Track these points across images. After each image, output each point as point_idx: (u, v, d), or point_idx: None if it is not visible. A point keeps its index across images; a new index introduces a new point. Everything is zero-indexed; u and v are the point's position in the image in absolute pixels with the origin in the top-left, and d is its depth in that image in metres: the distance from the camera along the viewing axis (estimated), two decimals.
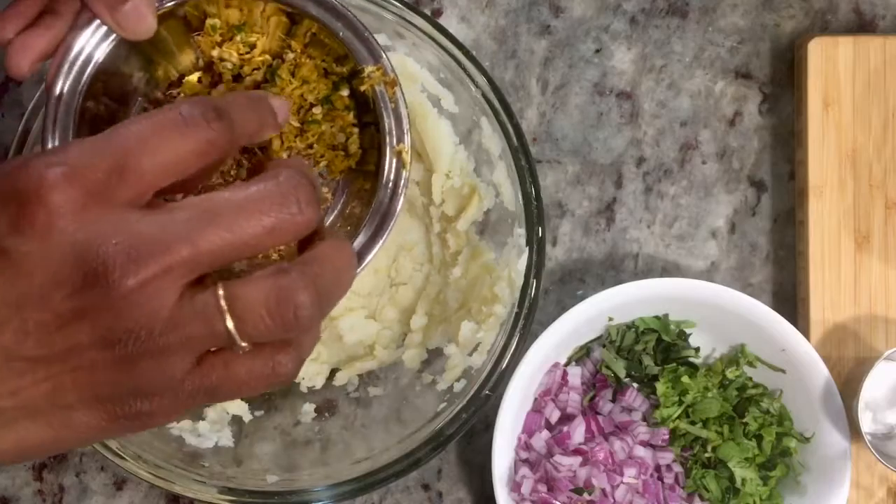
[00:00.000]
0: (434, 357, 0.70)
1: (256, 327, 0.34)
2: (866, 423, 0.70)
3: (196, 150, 0.35)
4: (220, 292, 0.34)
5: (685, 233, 0.76)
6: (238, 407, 0.69)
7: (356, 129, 0.54)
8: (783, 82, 0.77)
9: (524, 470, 0.69)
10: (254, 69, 0.52)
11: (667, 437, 0.70)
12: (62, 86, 0.47)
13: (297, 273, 0.35)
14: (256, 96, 0.41)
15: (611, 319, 0.71)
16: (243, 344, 0.34)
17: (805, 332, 0.72)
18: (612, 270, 0.76)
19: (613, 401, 0.71)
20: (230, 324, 0.34)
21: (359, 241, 0.50)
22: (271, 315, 0.34)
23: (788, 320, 0.69)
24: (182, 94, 0.52)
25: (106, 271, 0.32)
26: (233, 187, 0.35)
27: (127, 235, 0.33)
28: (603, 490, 0.68)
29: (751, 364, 0.71)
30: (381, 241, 0.50)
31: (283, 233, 0.35)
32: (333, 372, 0.72)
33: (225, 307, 0.34)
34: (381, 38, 0.67)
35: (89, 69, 0.47)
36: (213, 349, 0.35)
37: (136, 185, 0.34)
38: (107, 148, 0.34)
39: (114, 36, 0.47)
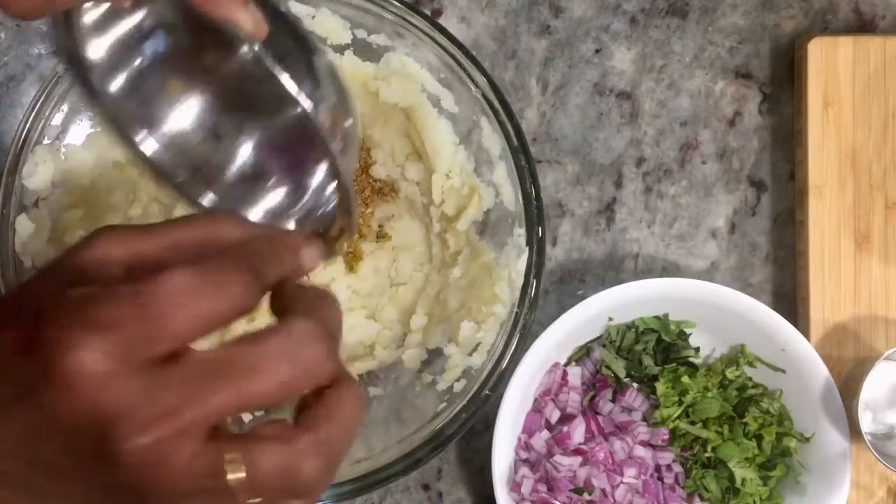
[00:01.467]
0: (434, 357, 0.70)
1: (262, 490, 0.35)
2: (866, 423, 0.70)
3: (230, 310, 0.35)
4: (230, 455, 0.35)
5: (685, 233, 0.76)
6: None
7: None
8: (783, 82, 0.77)
9: (524, 470, 0.69)
10: None
11: (667, 437, 0.70)
12: None
13: (306, 441, 0.36)
14: (287, 244, 0.40)
15: (610, 319, 0.71)
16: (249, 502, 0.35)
17: (805, 332, 0.72)
18: (612, 270, 0.76)
19: (613, 401, 0.71)
20: (235, 482, 0.35)
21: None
22: (279, 482, 0.35)
23: (788, 320, 0.69)
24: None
25: (113, 440, 0.33)
26: (247, 341, 0.35)
27: (140, 402, 0.33)
28: (603, 490, 0.68)
29: (751, 364, 0.71)
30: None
31: (295, 389, 0.36)
32: None
33: (233, 468, 0.35)
34: (381, 39, 0.67)
35: None
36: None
37: (162, 347, 0.34)
38: (142, 308, 0.34)
39: None
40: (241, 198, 0.48)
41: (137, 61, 0.45)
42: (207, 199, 0.47)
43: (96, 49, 0.44)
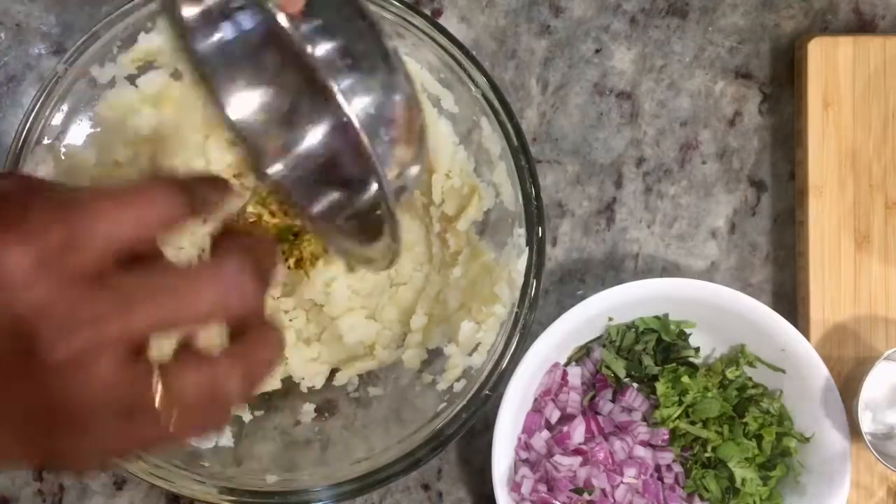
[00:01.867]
0: (434, 357, 0.70)
1: (183, 408, 0.36)
2: (866, 423, 0.70)
3: (155, 219, 0.36)
4: (156, 372, 0.35)
5: (685, 233, 0.76)
6: (238, 406, 0.69)
7: None
8: (783, 82, 0.77)
9: (524, 470, 0.69)
10: None
11: (667, 437, 0.70)
12: None
13: (226, 365, 0.37)
14: (215, 179, 0.41)
15: (610, 319, 0.71)
16: (168, 422, 0.36)
17: (805, 332, 0.72)
18: (612, 270, 0.76)
19: (613, 401, 0.71)
20: (158, 402, 0.35)
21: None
22: (199, 399, 0.36)
23: (788, 320, 0.69)
24: None
25: (37, 345, 0.33)
26: (177, 269, 0.36)
27: (64, 309, 0.33)
28: (603, 490, 0.68)
29: (750, 364, 0.71)
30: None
31: (217, 317, 0.36)
32: (333, 372, 0.72)
33: (158, 387, 0.35)
34: None
35: None
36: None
37: (88, 256, 0.34)
38: (66, 213, 0.34)
39: None
40: (302, 179, 0.49)
41: (233, 30, 0.46)
42: (274, 170, 0.48)
43: (194, 12, 0.45)
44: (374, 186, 0.44)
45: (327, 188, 0.49)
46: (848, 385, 0.71)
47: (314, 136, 0.48)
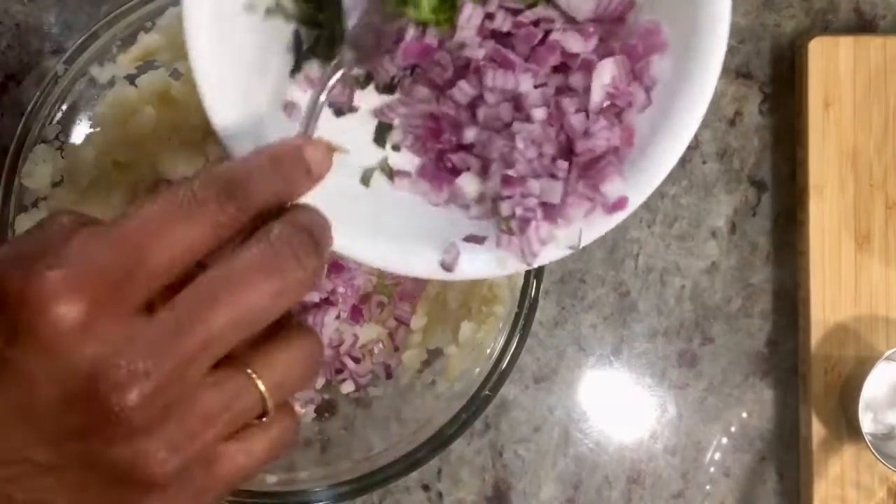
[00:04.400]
0: (434, 357, 0.70)
1: (286, 387, 0.35)
2: (867, 424, 0.70)
3: (207, 235, 0.33)
4: (248, 371, 0.34)
5: (685, 232, 0.76)
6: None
7: None
8: (783, 82, 0.77)
9: None
10: None
11: None
12: None
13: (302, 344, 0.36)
14: (284, 154, 0.36)
15: None
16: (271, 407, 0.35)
17: (806, 332, 0.72)
18: (613, 270, 0.76)
19: None
20: (263, 390, 0.34)
21: None
22: (305, 373, 0.35)
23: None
24: None
25: (111, 394, 0.31)
26: (225, 259, 0.33)
27: (133, 349, 0.31)
28: None
29: None
30: None
31: (290, 295, 0.34)
32: None
33: (260, 386, 0.34)
34: None
35: None
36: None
37: (145, 287, 0.32)
38: (114, 248, 0.32)
39: None
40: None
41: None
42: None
43: None
44: None
45: None
46: (848, 385, 0.71)
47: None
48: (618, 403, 0.76)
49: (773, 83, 0.77)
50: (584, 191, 0.52)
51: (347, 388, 0.70)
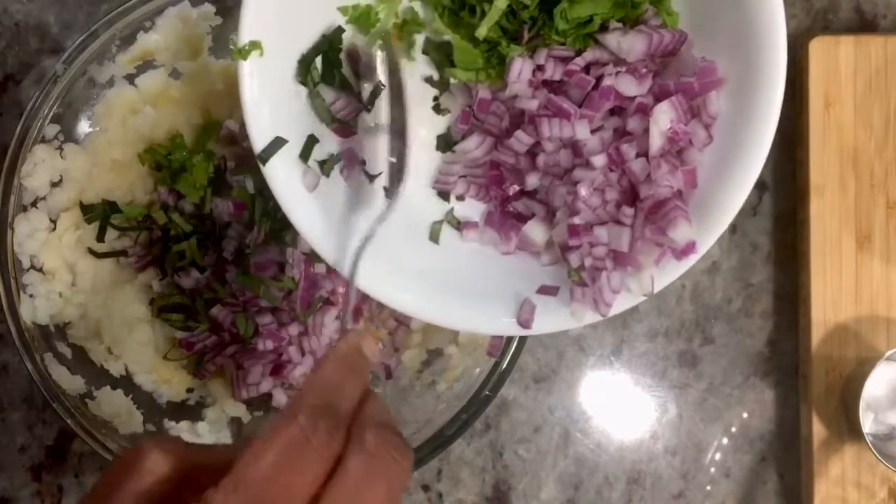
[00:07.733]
0: (434, 357, 0.70)
1: None
2: (867, 424, 0.69)
3: (326, 468, 0.35)
4: None
5: None
6: (237, 407, 0.69)
7: None
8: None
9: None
10: None
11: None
12: None
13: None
14: (350, 357, 0.40)
15: None
16: None
17: (806, 332, 0.71)
18: None
19: None
20: None
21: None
22: None
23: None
24: None
25: None
26: (338, 484, 0.35)
27: None
28: None
29: None
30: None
31: (398, 495, 0.37)
32: None
33: None
34: None
35: None
36: None
37: None
38: (243, 496, 0.34)
39: None
40: None
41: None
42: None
43: None
44: None
45: None
46: (849, 385, 0.71)
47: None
48: (618, 404, 0.76)
49: None
50: (653, 237, 0.50)
51: None
